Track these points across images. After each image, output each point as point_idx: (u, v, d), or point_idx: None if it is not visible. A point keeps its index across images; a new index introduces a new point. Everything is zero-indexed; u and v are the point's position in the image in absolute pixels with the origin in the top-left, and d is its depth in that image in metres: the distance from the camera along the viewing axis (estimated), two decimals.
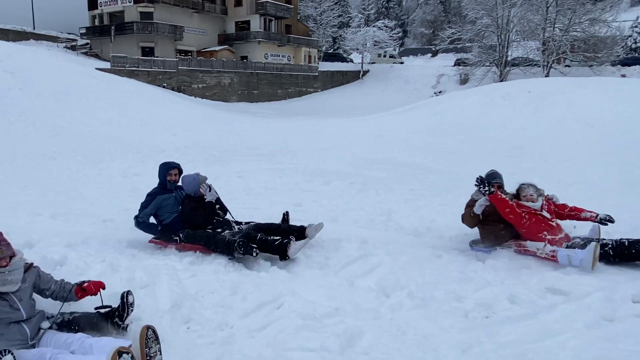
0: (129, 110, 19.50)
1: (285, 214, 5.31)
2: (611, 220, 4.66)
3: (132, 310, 3.16)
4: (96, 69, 28.60)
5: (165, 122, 18.94)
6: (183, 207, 5.12)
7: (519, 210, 4.68)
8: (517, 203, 4.74)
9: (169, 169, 5.24)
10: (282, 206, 5.84)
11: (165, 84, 34.00)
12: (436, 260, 4.65)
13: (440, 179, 9.51)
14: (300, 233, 4.83)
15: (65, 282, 3.23)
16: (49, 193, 8.10)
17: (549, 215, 4.68)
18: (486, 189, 4.77)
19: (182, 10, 40.73)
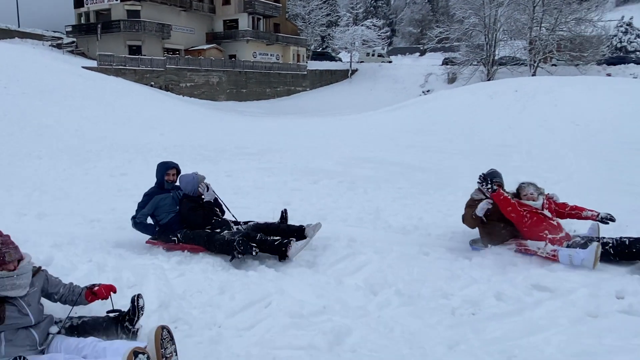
0: (116, 109, 19.37)
1: (284, 211, 5.28)
2: (612, 219, 4.64)
3: (143, 314, 3.09)
4: (83, 67, 28.33)
5: (153, 121, 18.83)
6: (181, 207, 5.07)
7: (521, 209, 4.66)
8: (518, 202, 4.72)
9: (166, 169, 5.21)
10: (271, 205, 5.83)
11: (152, 83, 33.74)
12: (423, 258, 4.68)
13: (427, 177, 9.55)
14: (299, 233, 4.80)
15: (74, 286, 3.15)
16: (35, 193, 8.00)
17: (550, 214, 4.67)
18: (489, 186, 4.76)
19: (170, 9, 40.45)
